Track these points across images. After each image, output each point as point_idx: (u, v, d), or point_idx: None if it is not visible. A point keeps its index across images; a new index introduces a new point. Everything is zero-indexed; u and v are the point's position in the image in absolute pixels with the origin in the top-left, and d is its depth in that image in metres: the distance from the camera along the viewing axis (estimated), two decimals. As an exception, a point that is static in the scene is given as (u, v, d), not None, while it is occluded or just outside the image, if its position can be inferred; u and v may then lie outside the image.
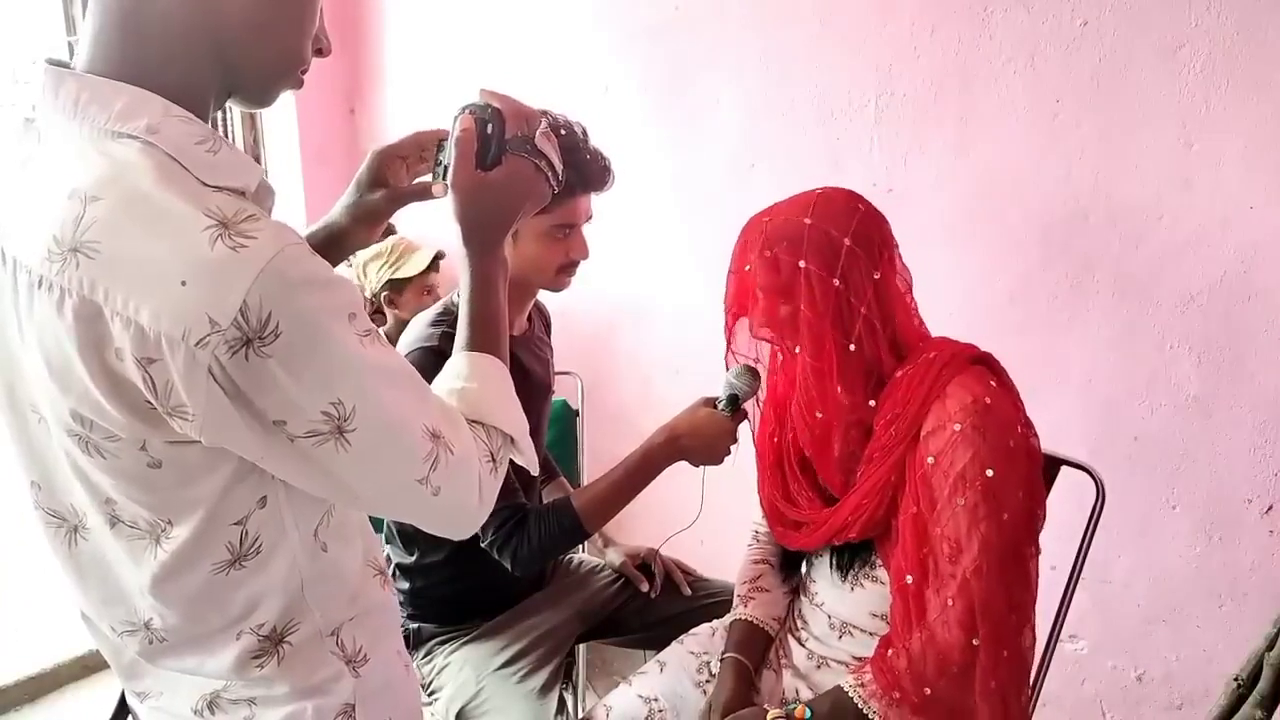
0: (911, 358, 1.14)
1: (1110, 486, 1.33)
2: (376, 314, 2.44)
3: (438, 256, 2.32)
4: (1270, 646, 1.04)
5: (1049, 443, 1.34)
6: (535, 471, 0.92)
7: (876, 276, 1.11)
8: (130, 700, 0.88)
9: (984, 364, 1.14)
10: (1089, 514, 1.33)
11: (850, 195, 1.15)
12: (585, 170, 1.25)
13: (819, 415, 1.16)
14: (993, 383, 1.10)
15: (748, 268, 1.16)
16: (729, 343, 1.28)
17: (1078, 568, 1.35)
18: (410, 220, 2.70)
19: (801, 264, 1.10)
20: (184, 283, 0.60)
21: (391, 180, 0.99)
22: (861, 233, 1.11)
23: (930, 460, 1.07)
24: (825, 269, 1.10)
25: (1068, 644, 1.68)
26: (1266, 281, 1.39)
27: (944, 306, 1.69)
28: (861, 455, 1.16)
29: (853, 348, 1.11)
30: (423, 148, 1.00)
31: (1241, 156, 1.37)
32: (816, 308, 1.10)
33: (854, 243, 1.10)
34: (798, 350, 1.14)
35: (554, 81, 2.33)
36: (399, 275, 2.30)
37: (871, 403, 1.15)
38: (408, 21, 2.74)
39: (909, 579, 1.09)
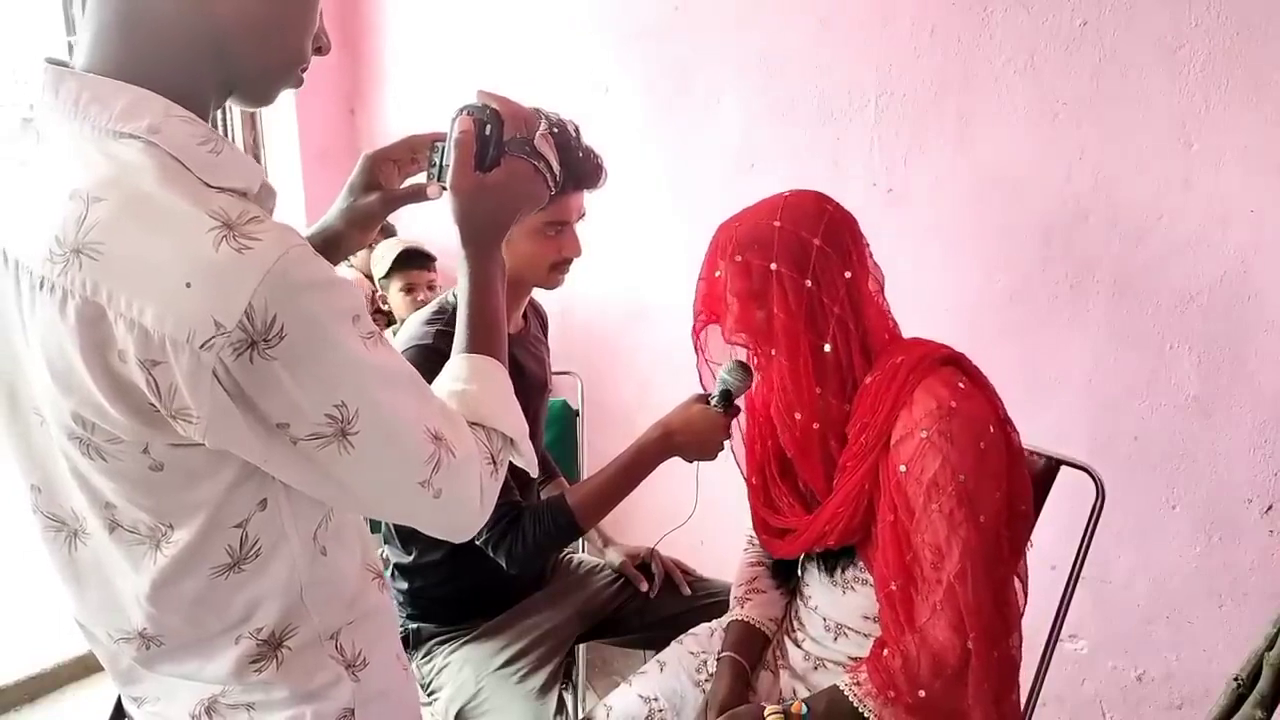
0: (879, 362, 1.13)
1: (1110, 486, 1.33)
2: (376, 315, 2.46)
3: (403, 256, 2.34)
4: (1270, 646, 1.04)
5: (1049, 443, 1.35)
6: (535, 473, 0.92)
7: (848, 276, 1.11)
8: (127, 705, 0.88)
9: (954, 364, 1.14)
10: (1089, 514, 1.33)
11: (818, 196, 1.15)
12: (577, 168, 1.25)
13: (798, 417, 1.15)
14: (961, 384, 1.09)
15: (718, 273, 1.16)
16: (700, 350, 1.28)
17: (1078, 568, 1.34)
18: (410, 222, 2.71)
19: (773, 266, 1.10)
20: (188, 284, 0.60)
21: (384, 183, 0.99)
22: (831, 233, 1.11)
23: (902, 469, 1.07)
24: (797, 270, 1.10)
25: (1068, 644, 1.68)
26: (1266, 281, 1.39)
27: (943, 306, 1.70)
28: (839, 460, 1.16)
29: (827, 348, 1.11)
30: (414, 150, 0.99)
31: (1241, 156, 1.37)
32: (789, 309, 1.10)
33: (824, 243, 1.10)
34: (773, 353, 1.14)
35: (554, 81, 2.33)
36: (378, 275, 2.37)
37: (846, 407, 1.14)
38: (408, 21, 2.74)
39: (894, 586, 1.09)
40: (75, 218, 0.62)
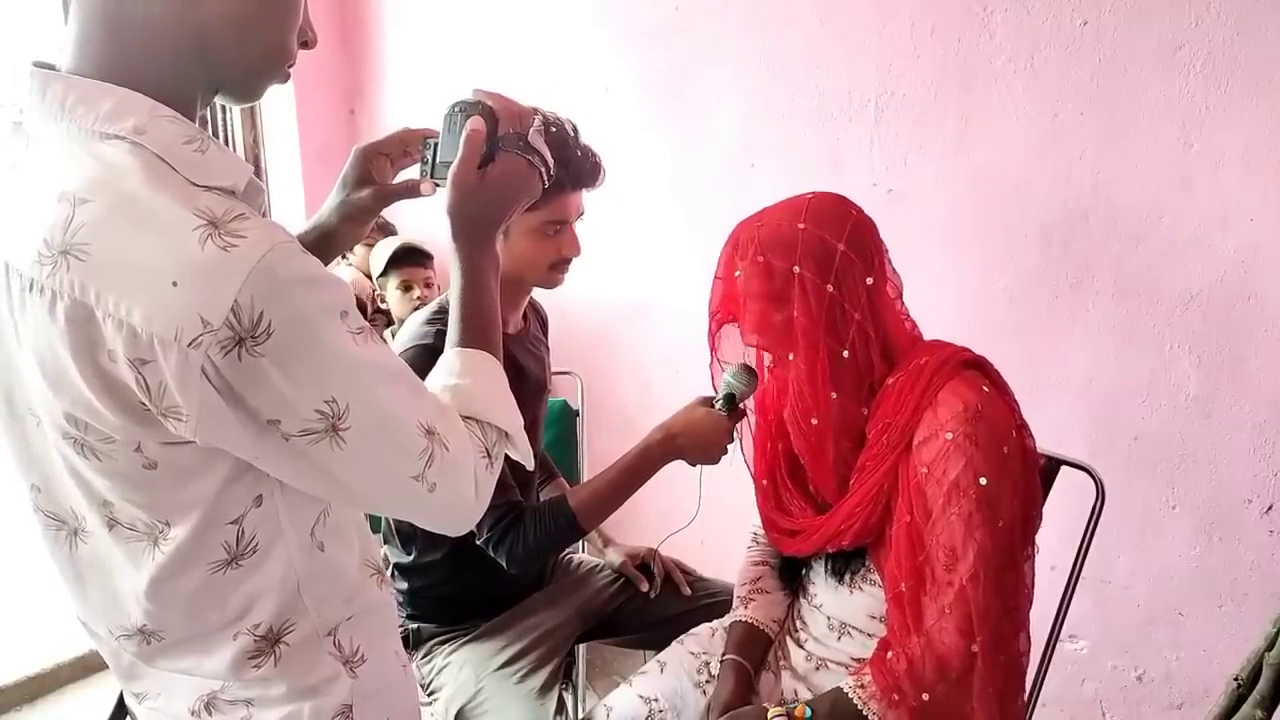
0: (903, 364, 1.13)
1: (1110, 486, 1.33)
2: (376, 314, 2.46)
3: (398, 253, 2.33)
4: (1270, 646, 1.04)
5: (1049, 443, 1.34)
6: (531, 466, 0.92)
7: (869, 282, 1.11)
8: (129, 701, 0.88)
9: (977, 368, 1.14)
10: (1089, 514, 1.33)
11: (841, 200, 1.15)
12: (575, 167, 1.25)
13: (814, 422, 1.15)
14: (985, 387, 1.09)
15: (738, 274, 1.15)
16: (714, 349, 1.27)
17: (1078, 568, 1.34)
18: (411, 221, 2.71)
19: (796, 269, 1.09)
20: (175, 283, 0.60)
21: (376, 177, 0.99)
22: (855, 238, 1.10)
23: (923, 469, 1.07)
24: (819, 274, 1.09)
25: (1068, 644, 1.68)
26: (1266, 281, 1.39)
27: (944, 306, 1.70)
28: (854, 463, 1.15)
29: (846, 354, 1.11)
30: (406, 144, 0.99)
31: (1241, 157, 1.37)
32: (811, 313, 1.10)
33: (848, 248, 1.09)
34: (791, 357, 1.13)
35: (554, 81, 2.33)
36: (375, 273, 2.36)
37: (864, 410, 1.14)
38: (408, 21, 2.74)
39: (904, 587, 1.09)
40: (62, 219, 0.62)
